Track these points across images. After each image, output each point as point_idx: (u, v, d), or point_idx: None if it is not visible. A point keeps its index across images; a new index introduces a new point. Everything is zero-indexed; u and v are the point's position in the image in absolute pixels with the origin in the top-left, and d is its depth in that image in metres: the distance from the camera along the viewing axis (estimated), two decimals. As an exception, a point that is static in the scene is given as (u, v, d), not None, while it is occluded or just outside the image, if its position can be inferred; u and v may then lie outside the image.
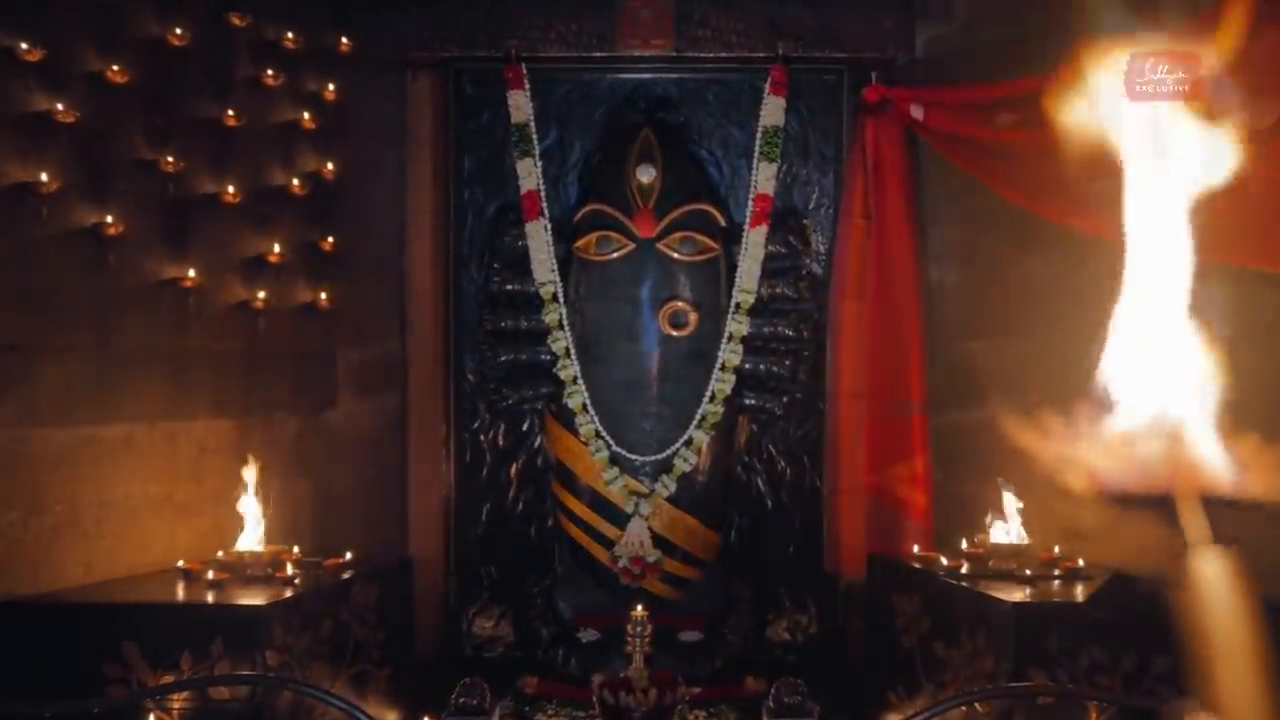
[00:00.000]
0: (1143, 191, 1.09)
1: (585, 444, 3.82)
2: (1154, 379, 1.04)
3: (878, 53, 3.94)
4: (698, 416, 3.83)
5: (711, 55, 3.98)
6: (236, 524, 3.14)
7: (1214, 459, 1.02)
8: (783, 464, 4.18)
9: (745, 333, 3.87)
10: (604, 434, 3.82)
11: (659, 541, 3.81)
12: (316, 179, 3.76)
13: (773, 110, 3.93)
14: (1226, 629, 0.96)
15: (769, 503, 4.19)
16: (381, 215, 4.04)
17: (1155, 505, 1.01)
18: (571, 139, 4.17)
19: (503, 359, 4.01)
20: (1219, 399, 1.07)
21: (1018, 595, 2.78)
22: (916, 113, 3.63)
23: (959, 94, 3.57)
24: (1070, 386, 1.12)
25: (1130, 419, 1.03)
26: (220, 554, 3.06)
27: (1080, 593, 2.86)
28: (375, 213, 4.02)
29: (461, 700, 2.13)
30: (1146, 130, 1.10)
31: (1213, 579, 0.98)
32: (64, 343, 2.92)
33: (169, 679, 2.50)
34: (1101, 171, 1.18)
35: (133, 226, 3.08)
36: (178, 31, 3.21)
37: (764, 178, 3.92)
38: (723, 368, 3.86)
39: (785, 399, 4.03)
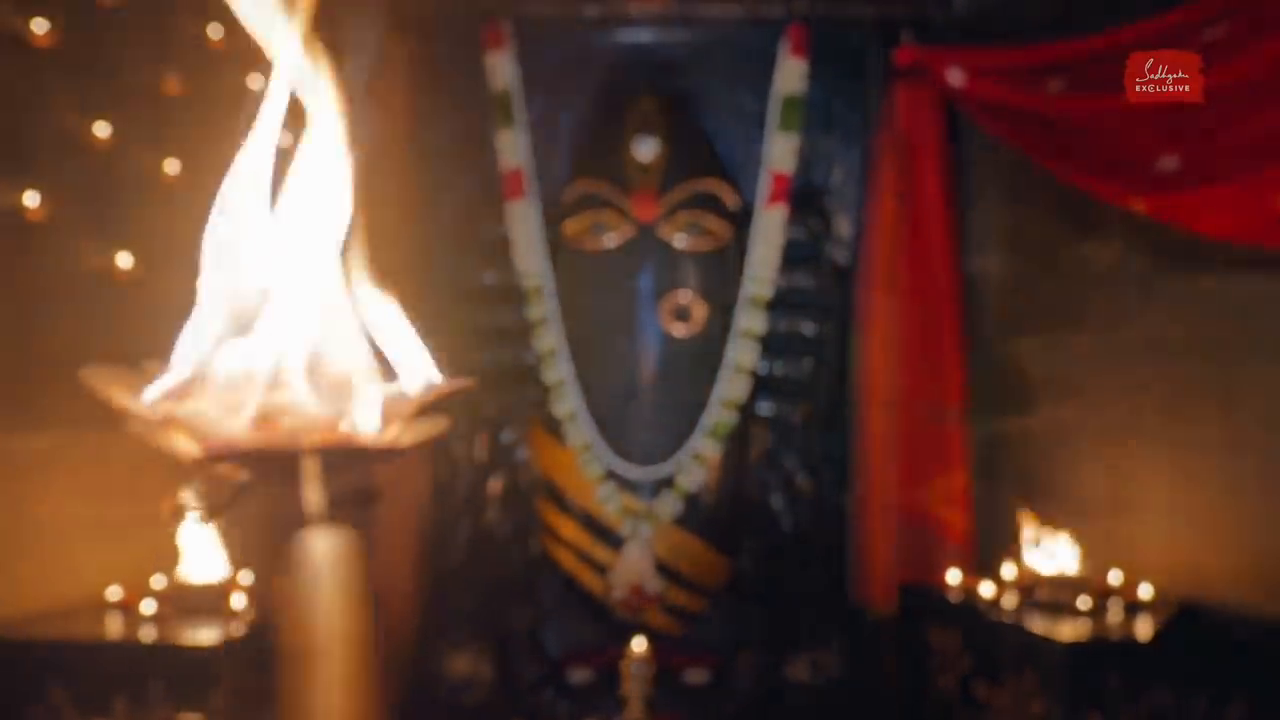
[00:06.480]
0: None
1: (576, 457, 3.82)
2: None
3: (910, 9, 3.94)
4: (705, 425, 3.83)
5: (720, 12, 3.98)
6: (178, 549, 3.13)
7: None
8: (802, 480, 4.18)
9: (759, 330, 3.87)
10: (597, 445, 3.82)
11: (660, 568, 3.81)
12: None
13: (791, 75, 3.93)
14: (328, 623, 0.98)
15: (787, 524, 4.18)
16: (343, 195, 4.03)
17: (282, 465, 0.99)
18: (560, 108, 4.17)
19: (482, 360, 4.00)
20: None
21: (1071, 632, 2.78)
22: (954, 78, 3.61)
23: (1004, 56, 3.56)
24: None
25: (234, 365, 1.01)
26: (160, 583, 3.05)
27: (1143, 628, 2.86)
28: (336, 192, 4.01)
29: (435, 751, 2.13)
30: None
31: (318, 560, 0.98)
32: (-21, 342, 2.92)
33: (100, 727, 2.50)
34: None
35: (58, 209, 3.06)
36: (110, -15, 3.20)
37: (781, 152, 3.92)
38: (733, 370, 3.86)
39: (805, 406, 4.03)
